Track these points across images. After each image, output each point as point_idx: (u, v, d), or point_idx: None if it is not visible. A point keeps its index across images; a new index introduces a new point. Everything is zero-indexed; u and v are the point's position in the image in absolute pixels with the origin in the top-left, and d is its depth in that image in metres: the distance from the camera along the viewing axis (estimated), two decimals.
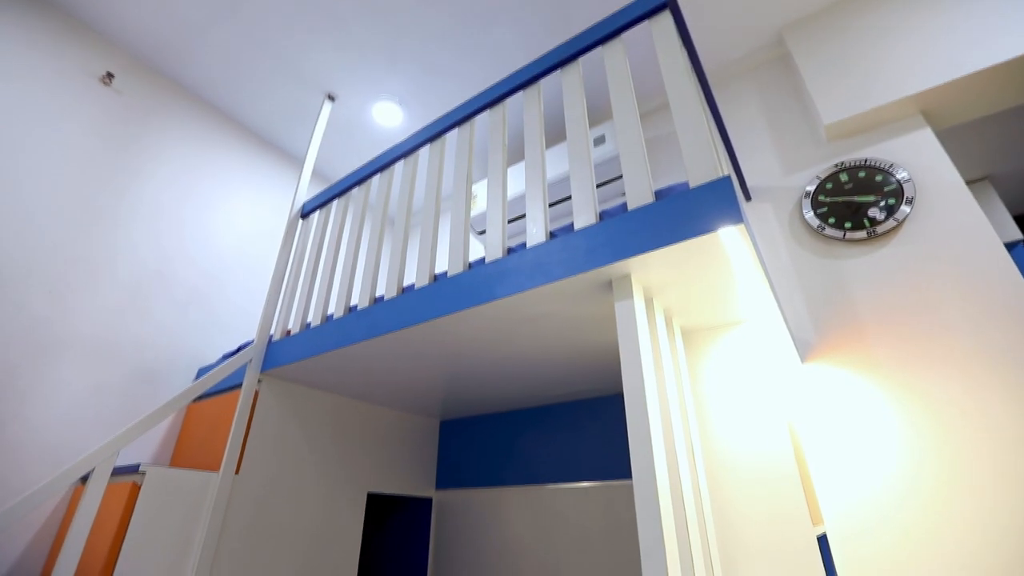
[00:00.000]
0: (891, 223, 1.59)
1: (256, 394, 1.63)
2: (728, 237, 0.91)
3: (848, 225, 1.66)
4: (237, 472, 1.51)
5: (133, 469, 1.37)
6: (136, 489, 1.33)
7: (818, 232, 1.71)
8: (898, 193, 1.61)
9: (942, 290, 1.49)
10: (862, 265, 1.62)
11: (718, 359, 1.25)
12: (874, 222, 1.61)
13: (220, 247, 2.36)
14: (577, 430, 1.88)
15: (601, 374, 1.63)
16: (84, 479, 1.62)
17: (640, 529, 0.83)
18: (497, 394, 1.87)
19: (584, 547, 1.68)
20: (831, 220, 1.69)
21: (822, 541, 1.24)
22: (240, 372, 1.66)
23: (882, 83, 1.73)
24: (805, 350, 1.62)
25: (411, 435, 2.16)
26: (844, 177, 1.73)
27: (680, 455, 1.01)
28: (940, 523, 1.30)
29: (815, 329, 1.63)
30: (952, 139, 2.38)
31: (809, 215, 1.74)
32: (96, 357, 1.81)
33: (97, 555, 1.27)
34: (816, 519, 1.19)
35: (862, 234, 1.62)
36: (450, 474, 2.16)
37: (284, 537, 1.58)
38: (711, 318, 1.24)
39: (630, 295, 0.98)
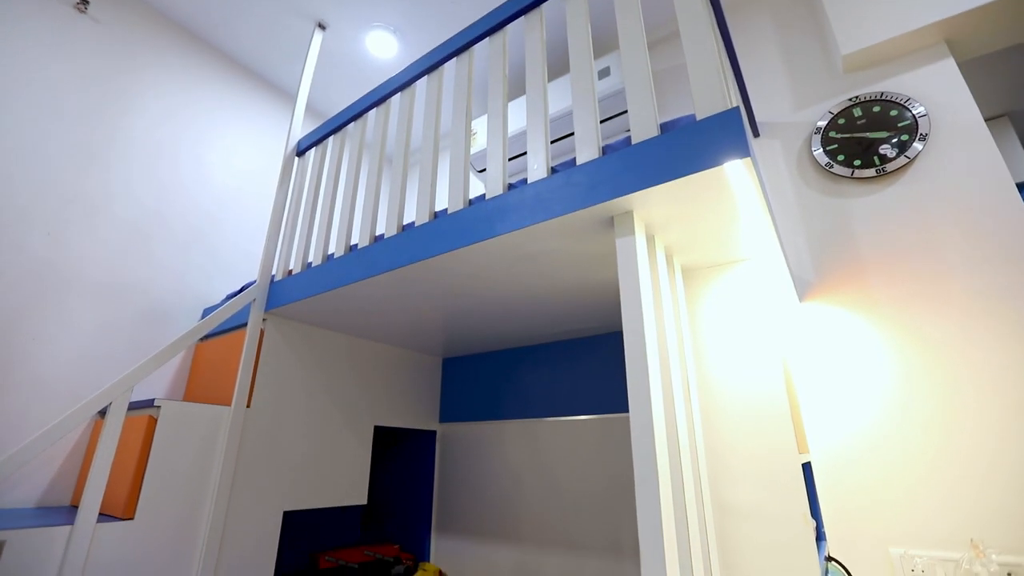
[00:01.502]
0: (902, 160, 1.55)
1: (262, 332, 1.67)
2: (734, 172, 0.89)
3: (857, 163, 1.62)
4: (248, 406, 1.57)
5: (148, 403, 1.43)
6: (153, 422, 1.39)
7: (826, 170, 1.67)
8: (912, 129, 1.56)
9: (946, 230, 1.47)
10: (868, 204, 1.60)
11: (717, 297, 1.27)
12: (884, 159, 1.57)
13: (218, 186, 2.32)
14: (576, 367, 1.93)
15: (601, 312, 1.65)
16: (102, 413, 1.69)
17: (635, 458, 0.88)
18: (498, 332, 1.91)
19: (580, 476, 1.77)
20: (840, 157, 1.65)
21: (806, 468, 1.31)
22: (245, 312, 1.69)
23: (907, 8, 1.62)
24: (804, 289, 1.63)
25: (415, 372, 2.22)
26: (858, 112, 1.67)
27: (676, 390, 1.05)
28: (923, 460, 1.37)
29: (815, 269, 1.63)
30: (973, 73, 2.27)
31: (818, 152, 1.70)
32: (102, 298, 1.83)
33: (123, 484, 1.35)
34: (802, 448, 1.24)
35: (871, 172, 1.59)
36: (453, 408, 2.25)
37: (297, 466, 1.67)
38: (712, 256, 1.23)
39: (631, 232, 0.98)
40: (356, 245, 1.47)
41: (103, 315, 1.82)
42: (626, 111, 1.73)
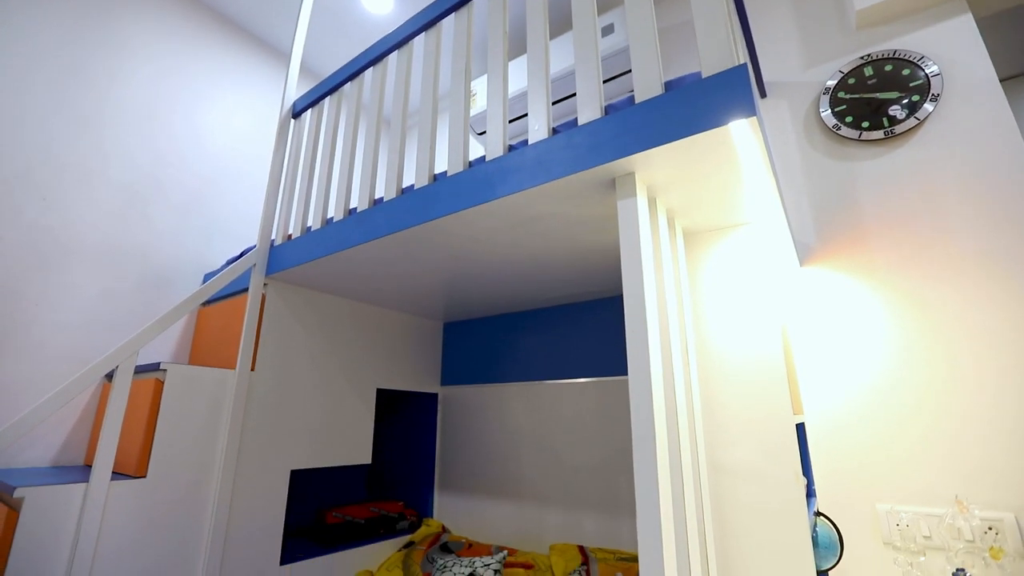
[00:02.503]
0: (911, 122, 1.51)
1: (263, 297, 1.67)
2: (739, 132, 0.88)
3: (865, 125, 1.58)
4: (253, 369, 1.59)
5: (154, 367, 1.45)
6: (160, 385, 1.41)
7: (833, 132, 1.64)
8: (924, 89, 1.52)
9: (951, 194, 1.45)
10: (873, 167, 1.57)
11: (718, 261, 1.26)
12: (893, 121, 1.54)
13: (215, 149, 2.28)
14: (576, 331, 1.95)
15: (601, 276, 1.65)
16: (110, 377, 1.72)
17: (633, 419, 0.89)
18: (498, 296, 1.92)
19: (579, 437, 1.82)
20: (848, 119, 1.61)
21: (799, 429, 1.34)
22: (246, 276, 1.69)
23: None
24: (805, 254, 1.63)
25: (416, 336, 2.25)
26: (869, 71, 1.62)
27: (674, 353, 1.06)
28: (916, 424, 1.39)
29: (817, 233, 1.62)
30: (990, 31, 2.18)
31: (826, 113, 1.66)
32: (102, 263, 1.83)
33: (134, 444, 1.38)
34: (797, 410, 1.27)
35: (879, 134, 1.55)
36: (454, 372, 2.28)
37: (302, 427, 1.71)
38: (714, 219, 1.22)
39: (633, 194, 0.96)
40: (355, 209, 1.46)
41: (104, 281, 1.83)
42: (630, 70, 1.68)
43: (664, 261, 1.09)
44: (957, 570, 1.19)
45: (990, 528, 1.24)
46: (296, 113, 1.91)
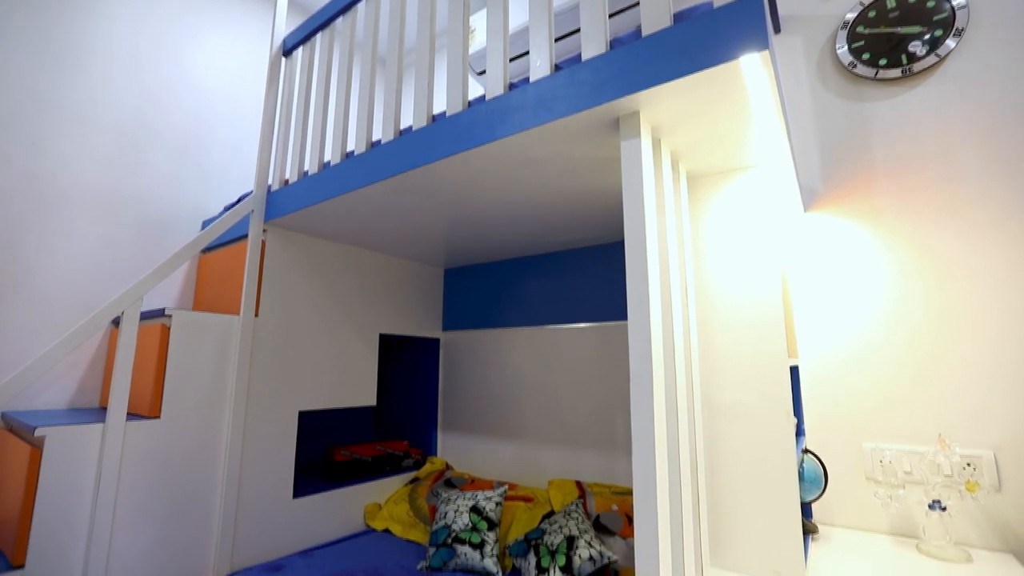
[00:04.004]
0: (931, 59, 1.44)
1: (263, 244, 1.67)
2: (750, 68, 0.84)
3: (883, 62, 1.51)
4: (256, 315, 1.62)
5: (159, 312, 1.47)
6: (166, 330, 1.44)
7: (848, 70, 1.57)
8: (947, 23, 1.44)
9: (964, 137, 1.41)
10: (887, 109, 1.52)
11: (721, 205, 1.25)
12: (912, 58, 1.47)
13: (205, 90, 2.20)
14: (577, 276, 1.96)
15: (602, 221, 1.64)
16: (116, 323, 1.75)
17: (632, 361, 0.91)
18: (499, 241, 1.91)
19: (579, 379, 1.87)
20: (865, 56, 1.54)
21: (793, 371, 1.38)
22: (245, 223, 1.68)
23: None
24: (810, 199, 1.61)
25: (417, 282, 2.26)
26: (891, 3, 1.53)
27: (674, 297, 1.07)
28: (908, 369, 1.42)
29: (824, 178, 1.59)
30: None
31: (842, 50, 1.58)
32: (99, 209, 1.81)
33: (146, 387, 1.42)
34: (792, 353, 1.30)
35: (896, 72, 1.49)
36: (455, 317, 2.31)
37: (308, 370, 1.75)
38: (719, 162, 1.20)
39: (637, 134, 0.94)
40: (352, 152, 1.43)
41: (102, 227, 1.81)
42: (637, 3, 1.59)
43: (667, 205, 1.07)
44: (933, 501, 1.26)
45: (969, 464, 1.30)
46: (287, 51, 1.82)
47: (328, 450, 2.03)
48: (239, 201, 1.84)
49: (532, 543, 1.33)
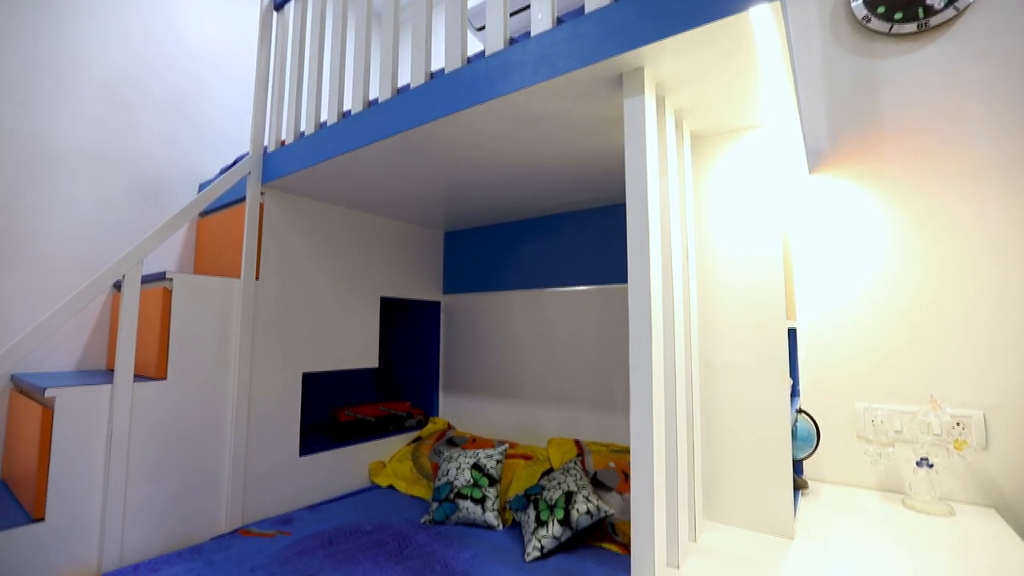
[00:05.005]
0: (949, 13, 1.39)
1: (261, 206, 1.65)
2: (760, 20, 0.81)
3: (898, 16, 1.45)
4: (257, 278, 1.62)
5: (160, 276, 1.47)
6: (168, 293, 1.44)
7: (862, 24, 1.51)
8: None
9: (977, 98, 1.38)
10: (900, 66, 1.47)
11: (724, 166, 1.23)
12: (929, 11, 1.41)
13: (198, 47, 2.13)
14: (577, 239, 1.95)
15: (603, 183, 1.62)
16: (118, 287, 1.75)
17: (631, 322, 0.92)
18: (499, 204, 1.89)
19: (579, 341, 1.89)
20: (880, 9, 1.48)
21: (791, 332, 1.39)
22: (242, 186, 1.66)
23: None
24: (815, 160, 1.58)
25: (417, 245, 2.26)
26: None
27: (675, 259, 1.06)
28: (905, 333, 1.44)
29: (830, 139, 1.56)
30: None
31: (857, 3, 1.52)
32: (93, 171, 1.78)
33: (151, 349, 1.44)
34: (790, 315, 1.30)
35: (911, 27, 1.44)
36: (456, 280, 2.32)
37: (310, 333, 1.77)
38: (724, 121, 1.17)
39: (641, 91, 0.91)
40: (349, 111, 1.39)
41: (98, 190, 1.79)
42: None
43: (669, 166, 1.06)
44: (921, 459, 1.30)
45: (958, 424, 1.33)
46: (278, 4, 1.75)
47: (332, 411, 2.08)
48: (235, 163, 1.81)
49: (532, 498, 1.38)
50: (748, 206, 1.18)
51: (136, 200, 1.89)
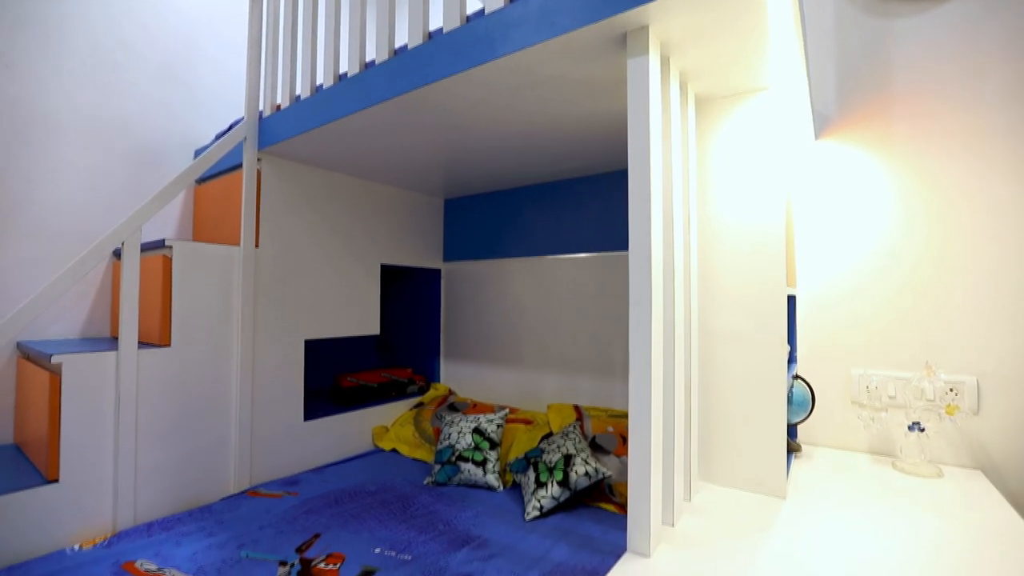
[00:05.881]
0: None
1: (259, 173, 1.63)
2: None
3: None
4: (257, 246, 1.61)
5: (160, 244, 1.47)
6: (168, 261, 1.44)
7: None
8: None
9: (992, 60, 1.34)
10: (913, 26, 1.43)
11: (729, 131, 1.20)
12: None
13: (188, 7, 2.05)
14: (577, 206, 1.94)
15: (604, 148, 1.59)
16: (118, 255, 1.75)
17: (631, 289, 0.92)
18: (499, 170, 1.87)
19: (579, 308, 1.90)
20: None
21: (790, 299, 1.40)
22: (238, 152, 1.63)
23: None
24: (822, 125, 1.55)
25: (417, 212, 2.24)
26: None
27: (676, 225, 1.06)
28: (904, 301, 1.44)
29: (838, 102, 1.53)
30: None
31: None
32: (85, 137, 1.75)
33: (154, 317, 1.45)
34: (790, 282, 1.31)
35: None
36: (456, 248, 2.32)
37: (312, 300, 1.78)
38: (730, 83, 1.14)
39: (646, 51, 0.89)
40: (345, 74, 1.36)
41: (91, 157, 1.76)
42: None
43: (673, 129, 1.04)
44: (913, 423, 1.33)
45: (951, 389, 1.36)
46: None
47: (335, 377, 2.11)
48: (230, 129, 1.77)
49: (531, 461, 1.42)
50: (752, 171, 1.17)
51: (131, 166, 1.86)
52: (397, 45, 1.25)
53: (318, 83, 1.49)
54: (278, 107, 1.60)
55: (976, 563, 0.87)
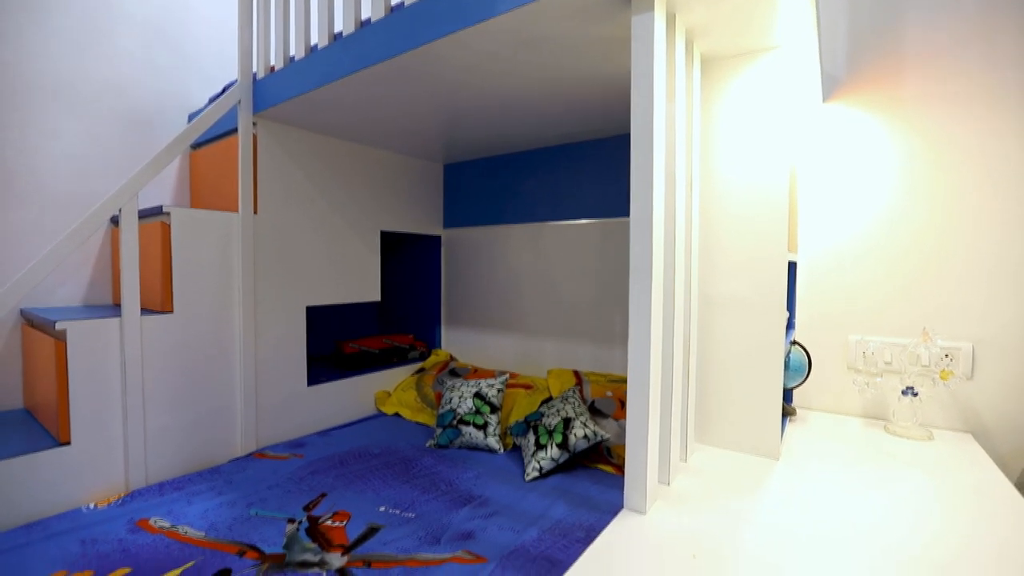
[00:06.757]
0: None
1: (255, 138, 1.60)
2: None
3: None
4: (255, 212, 1.60)
5: (158, 210, 1.45)
6: (166, 228, 1.43)
7: None
8: None
9: (1010, 18, 1.29)
10: None
11: (735, 92, 1.17)
12: None
13: None
14: (578, 172, 1.91)
15: (606, 111, 1.56)
16: (115, 222, 1.74)
17: (632, 255, 0.92)
18: (499, 134, 1.84)
19: (579, 274, 1.90)
20: None
21: (791, 266, 1.39)
22: (233, 116, 1.60)
23: None
24: (830, 87, 1.51)
25: (416, 178, 2.21)
26: None
27: (678, 191, 1.05)
28: (905, 267, 1.43)
29: (848, 64, 1.48)
30: None
31: None
32: (73, 102, 1.71)
33: (156, 283, 1.45)
34: (792, 248, 1.30)
35: None
36: (456, 214, 2.30)
37: (312, 266, 1.78)
38: (738, 42, 1.10)
39: (651, 7, 0.85)
40: (340, 33, 1.31)
41: (81, 122, 1.72)
42: None
43: (678, 90, 1.01)
44: (906, 388, 1.35)
45: (947, 355, 1.37)
46: None
47: (337, 344, 2.13)
48: (224, 92, 1.73)
49: (531, 424, 1.45)
50: (757, 135, 1.15)
51: (123, 132, 1.83)
52: (394, 2, 1.20)
53: (312, 43, 1.45)
54: (272, 68, 1.56)
55: (962, 521, 0.90)
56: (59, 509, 1.18)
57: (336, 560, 0.96)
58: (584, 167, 1.89)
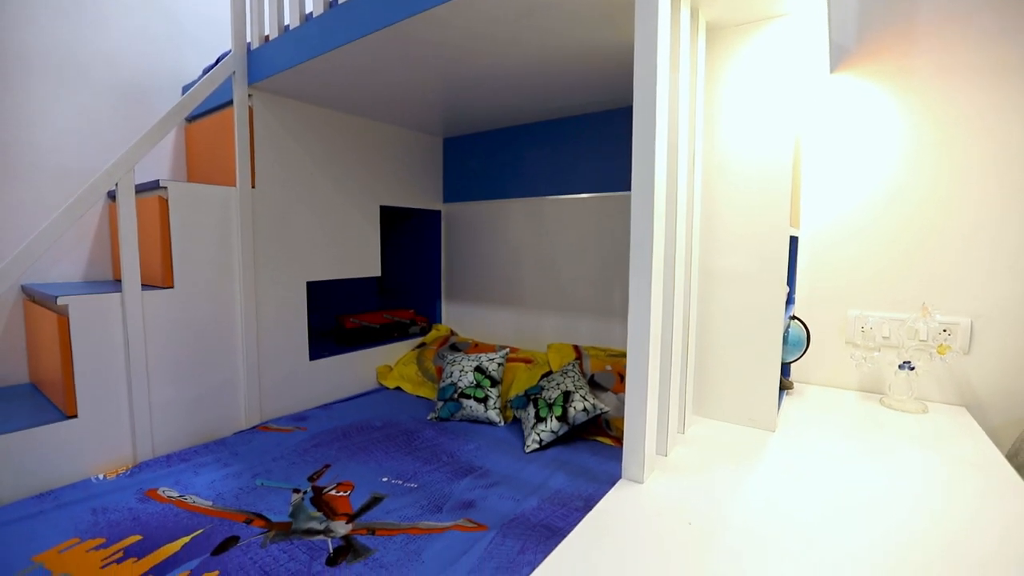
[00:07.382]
0: None
1: (251, 110, 1.58)
2: None
3: None
4: (253, 186, 1.59)
5: (155, 185, 1.44)
6: (164, 203, 1.42)
7: None
8: None
9: None
10: None
11: (740, 62, 1.15)
12: None
13: None
14: (578, 145, 1.89)
15: (607, 83, 1.53)
16: (112, 197, 1.72)
17: (632, 231, 0.91)
18: (499, 107, 1.81)
19: (579, 248, 1.90)
20: None
21: (793, 240, 1.39)
22: (228, 87, 1.57)
23: None
24: (838, 57, 1.47)
25: (416, 152, 2.19)
26: None
27: (680, 164, 1.03)
28: (904, 241, 1.43)
29: (857, 33, 1.44)
30: None
31: None
32: (63, 75, 1.66)
33: (155, 259, 1.45)
34: (794, 223, 1.30)
35: None
36: (456, 189, 2.28)
37: (311, 241, 1.77)
38: (745, 9, 1.07)
39: None
40: (336, 0, 1.28)
41: (73, 96, 1.69)
42: None
43: (681, 60, 0.99)
44: (903, 362, 1.36)
45: (945, 330, 1.38)
46: None
47: (338, 319, 2.14)
48: (218, 62, 1.69)
49: (531, 397, 1.47)
50: (763, 106, 1.13)
51: (115, 105, 1.79)
52: None
53: (307, 11, 1.41)
54: (266, 38, 1.52)
55: (954, 491, 0.92)
56: (69, 480, 1.21)
57: (341, 528, 0.99)
58: (585, 141, 1.87)
